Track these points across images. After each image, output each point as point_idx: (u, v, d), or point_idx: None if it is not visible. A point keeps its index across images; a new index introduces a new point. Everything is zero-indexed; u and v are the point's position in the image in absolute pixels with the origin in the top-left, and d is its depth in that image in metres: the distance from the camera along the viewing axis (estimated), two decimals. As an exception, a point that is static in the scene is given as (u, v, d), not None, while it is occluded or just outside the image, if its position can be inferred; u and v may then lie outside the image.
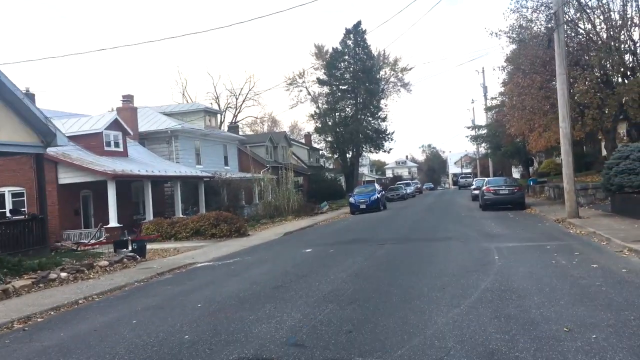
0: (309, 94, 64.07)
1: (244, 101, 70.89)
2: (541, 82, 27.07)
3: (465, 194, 56.39)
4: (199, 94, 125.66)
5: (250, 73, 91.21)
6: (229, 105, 71.45)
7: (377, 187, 38.54)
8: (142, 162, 29.59)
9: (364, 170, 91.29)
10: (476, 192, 37.79)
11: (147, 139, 35.31)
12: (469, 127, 48.55)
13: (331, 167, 72.70)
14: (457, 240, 15.53)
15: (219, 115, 41.03)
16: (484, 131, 45.99)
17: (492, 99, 43.31)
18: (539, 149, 29.47)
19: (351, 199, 35.54)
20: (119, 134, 29.47)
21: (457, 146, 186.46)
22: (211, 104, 69.39)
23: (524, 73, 29.30)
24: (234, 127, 50.38)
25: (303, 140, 68.44)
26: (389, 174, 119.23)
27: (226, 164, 41.17)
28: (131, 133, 30.90)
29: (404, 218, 26.71)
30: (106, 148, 28.37)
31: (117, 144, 29.34)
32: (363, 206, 34.63)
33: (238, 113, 71.90)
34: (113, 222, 24.53)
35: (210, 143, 38.92)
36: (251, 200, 39.31)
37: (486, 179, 28.44)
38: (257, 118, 76.10)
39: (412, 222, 23.90)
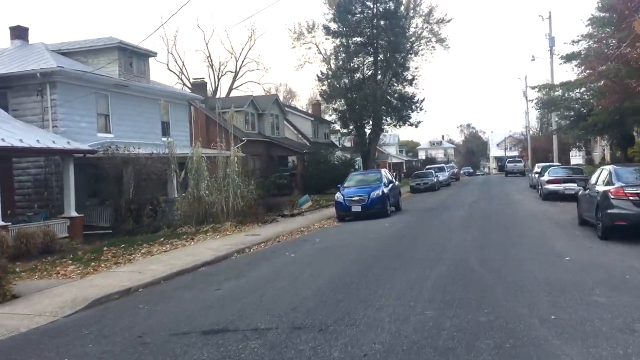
0: (320, 52, 48.25)
1: (242, 63, 56.09)
2: None
3: (518, 182, 40.33)
4: (189, 52, 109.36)
5: (251, 28, 71.12)
6: (227, 70, 56.92)
7: (386, 175, 22.48)
8: None
9: (391, 150, 75.26)
10: (552, 187, 22.03)
11: (10, 88, 20.84)
12: (534, 88, 32.45)
13: (348, 145, 57.09)
14: None
15: (151, 60, 26.16)
16: (557, 92, 29.54)
17: (574, 42, 26.98)
18: None
19: (338, 195, 20.18)
20: None
21: (500, 126, 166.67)
22: (208, 66, 54.94)
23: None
24: (199, 84, 35.42)
25: (310, 110, 52.98)
26: (421, 155, 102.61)
27: (166, 133, 26.44)
28: None
29: (420, 253, 10.96)
30: None
31: None
32: (357, 208, 19.28)
33: (237, 77, 57.21)
34: None
35: (131, 101, 24.16)
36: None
37: (610, 167, 12.59)
38: (259, 83, 60.88)
39: (435, 284, 8.17)
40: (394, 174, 37.95)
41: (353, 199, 19.46)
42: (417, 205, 24.90)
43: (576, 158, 62.65)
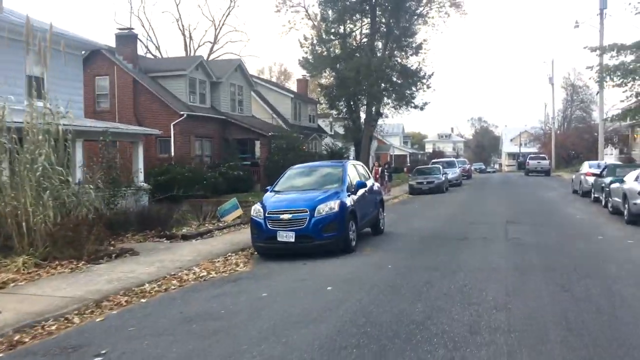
0: (309, 16, 37.82)
1: (221, 30, 46.16)
2: None
3: (550, 185, 30.33)
4: (159, 16, 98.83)
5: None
6: (205, 41, 46.95)
7: (355, 171, 11.76)
8: None
9: (394, 141, 65.00)
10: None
11: None
12: (594, 50, 21.97)
13: (341, 132, 46.87)
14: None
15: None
16: (630, 56, 19.35)
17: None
18: None
19: (256, 209, 10.24)
20: None
21: (514, 121, 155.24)
22: (182, 35, 45.27)
23: None
24: (126, 36, 25.41)
25: (296, 89, 42.82)
26: (429, 149, 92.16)
27: (34, 94, 16.52)
28: None
29: None
30: None
31: None
32: (287, 235, 9.33)
33: (213, 50, 47.21)
34: None
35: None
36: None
37: None
38: (239, 56, 50.73)
39: None
40: (382, 167, 26.65)
41: (282, 217, 9.54)
42: (412, 222, 14.94)
43: (608, 157, 52.44)
